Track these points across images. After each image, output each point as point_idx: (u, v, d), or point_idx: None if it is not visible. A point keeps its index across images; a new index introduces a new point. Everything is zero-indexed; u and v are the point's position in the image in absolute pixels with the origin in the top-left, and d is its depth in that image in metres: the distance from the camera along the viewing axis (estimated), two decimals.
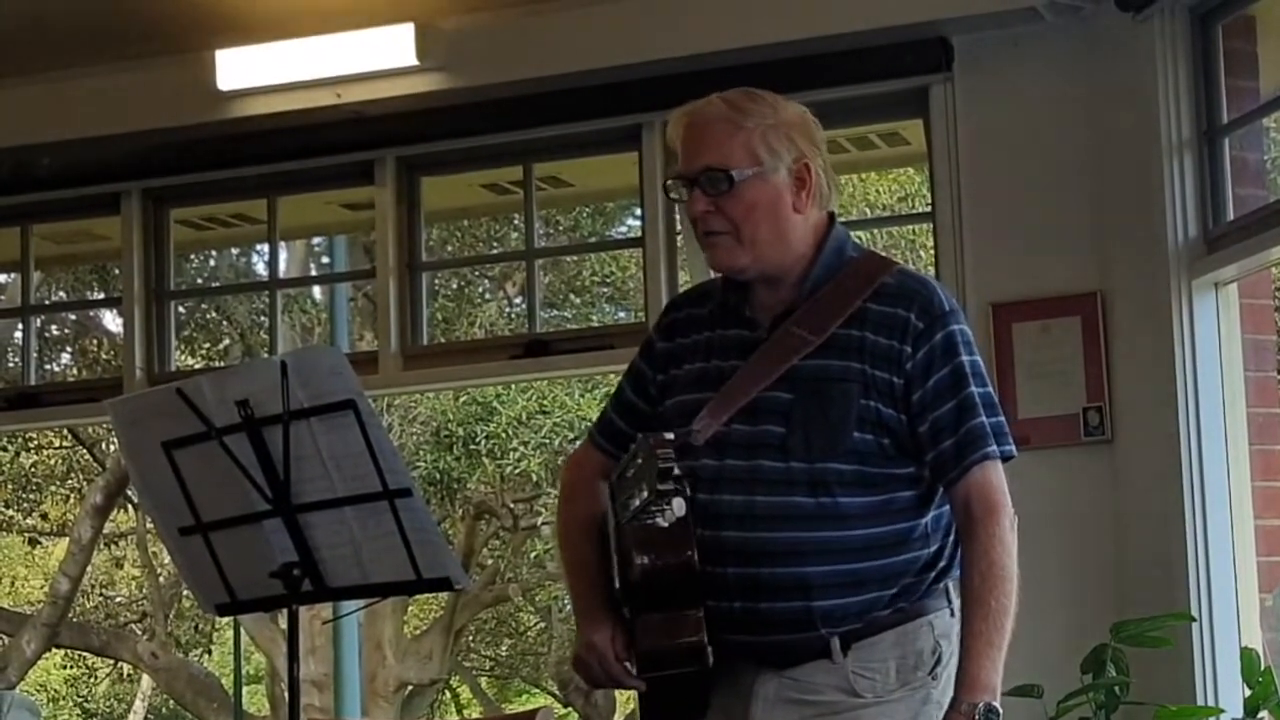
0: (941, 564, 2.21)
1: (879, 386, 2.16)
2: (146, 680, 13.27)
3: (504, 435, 9.75)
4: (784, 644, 2.18)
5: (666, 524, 2.04)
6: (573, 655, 2.29)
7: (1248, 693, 3.63)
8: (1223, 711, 3.69)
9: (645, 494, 2.02)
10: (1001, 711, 2.12)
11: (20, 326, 6.72)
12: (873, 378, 2.16)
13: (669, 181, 2.28)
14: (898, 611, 2.18)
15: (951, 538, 2.22)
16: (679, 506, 2.01)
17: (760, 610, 2.16)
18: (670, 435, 2.04)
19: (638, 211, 4.97)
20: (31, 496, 12.31)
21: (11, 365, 9.75)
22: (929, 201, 4.43)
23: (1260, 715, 3.63)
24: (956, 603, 2.21)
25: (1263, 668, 3.65)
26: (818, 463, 2.15)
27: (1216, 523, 3.80)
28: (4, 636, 11.67)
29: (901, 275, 2.22)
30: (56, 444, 11.86)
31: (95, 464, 11.56)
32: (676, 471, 2.01)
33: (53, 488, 12.30)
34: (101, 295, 9.76)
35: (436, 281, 9.46)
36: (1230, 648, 3.75)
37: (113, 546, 12.90)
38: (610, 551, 2.31)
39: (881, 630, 2.18)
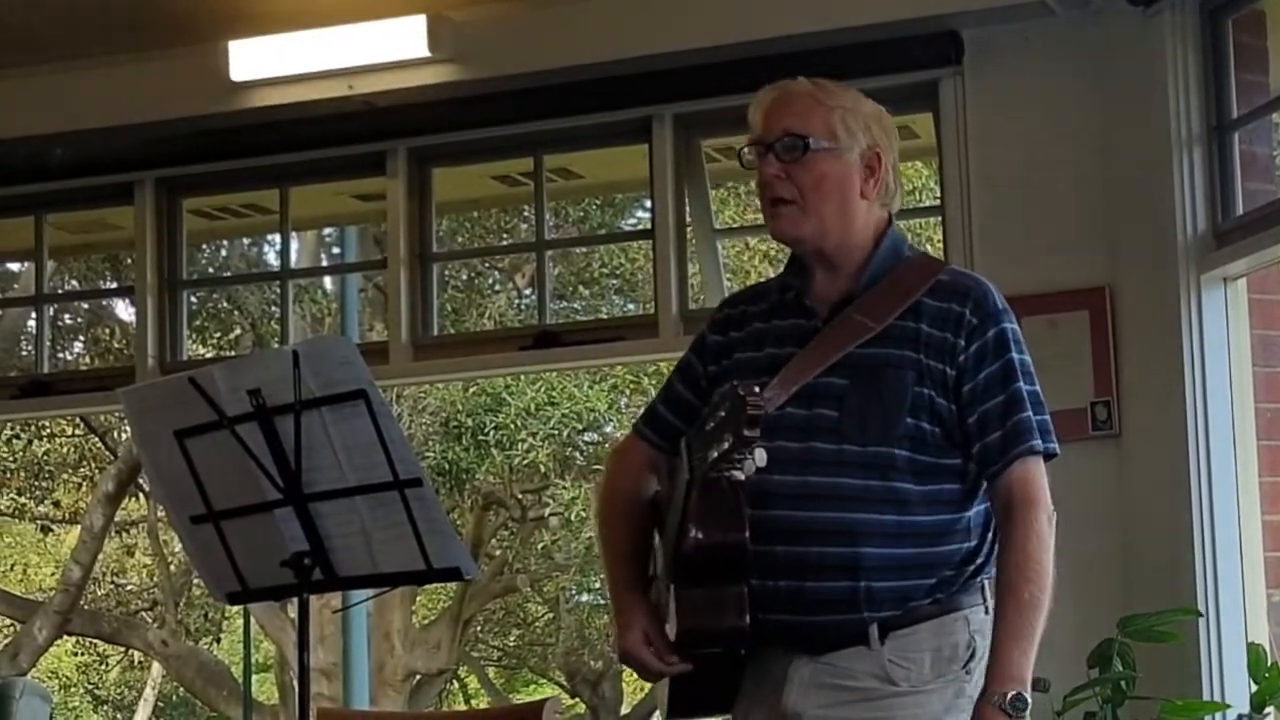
0: (979, 560, 2.25)
1: (933, 376, 2.21)
2: (157, 668, 13.33)
3: (513, 426, 9.76)
4: (825, 625, 2.20)
5: (745, 476, 2.05)
6: (618, 651, 2.33)
7: (1254, 688, 3.64)
8: (1229, 706, 3.70)
9: (729, 442, 2.01)
10: (1030, 702, 2.15)
11: (34, 315, 6.75)
12: (927, 367, 2.21)
13: (744, 148, 2.32)
14: (935, 603, 2.21)
15: (990, 535, 2.26)
16: (760, 458, 2.03)
17: (806, 589, 2.18)
18: (758, 387, 2.05)
19: (646, 204, 4.98)
20: (44, 484, 12.35)
21: (25, 354, 9.80)
22: (936, 195, 4.44)
23: (1267, 711, 3.63)
24: (991, 601, 2.24)
25: (1269, 663, 3.65)
26: (871, 446, 2.19)
27: (1224, 518, 3.81)
28: (16, 623, 11.73)
29: (955, 273, 2.31)
30: (69, 432, 11.90)
31: (107, 452, 11.60)
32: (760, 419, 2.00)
33: (65, 476, 12.34)
34: (114, 284, 9.79)
35: (446, 272, 9.48)
36: (1237, 643, 3.75)
37: (124, 535, 12.95)
38: (657, 526, 2.32)
39: (919, 621, 2.21)
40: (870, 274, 2.26)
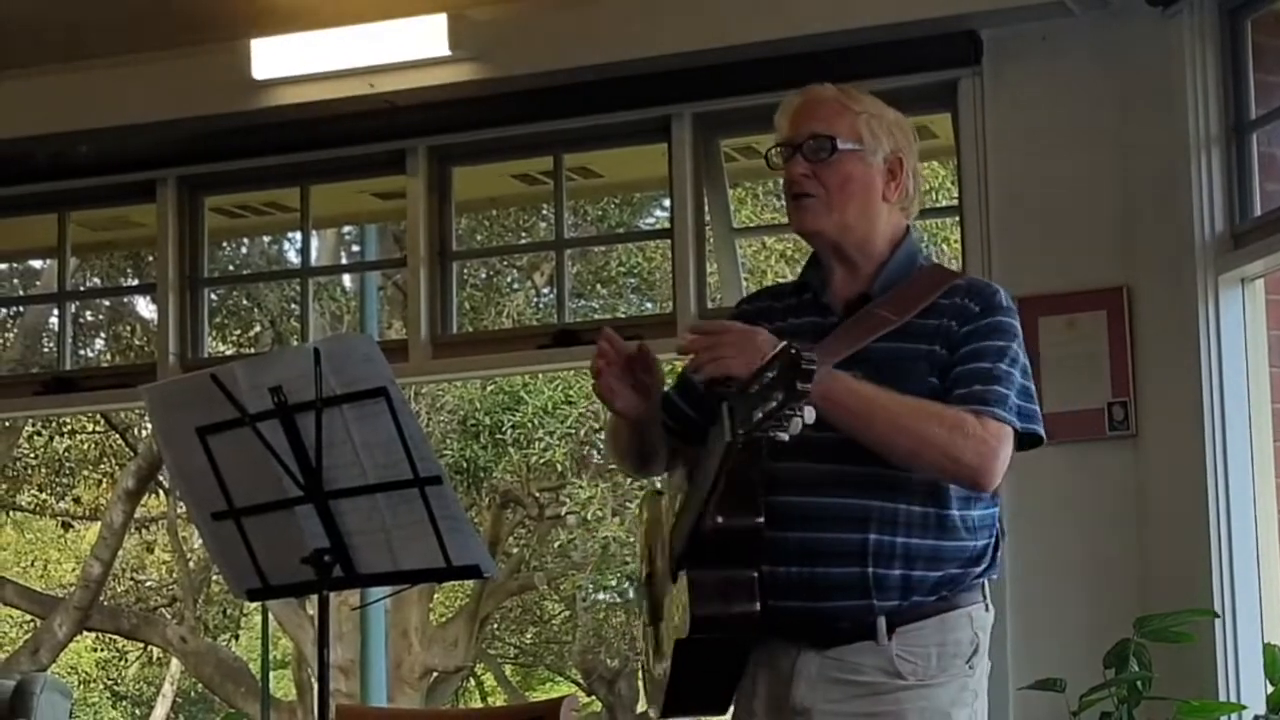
0: (985, 564, 2.29)
1: (938, 363, 2.26)
2: (175, 664, 13.37)
3: (530, 425, 9.78)
4: (834, 612, 2.22)
5: (788, 436, 2.04)
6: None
7: (1270, 689, 3.64)
8: (1245, 708, 3.70)
9: (779, 398, 2.00)
10: (802, 366, 2.03)
11: (56, 312, 6.79)
12: (938, 357, 2.26)
13: (771, 150, 2.37)
14: (940, 600, 2.25)
15: (993, 539, 2.30)
16: (810, 415, 2.03)
17: (817, 575, 2.22)
18: (815, 358, 2.05)
19: (665, 203, 4.99)
20: (64, 480, 12.40)
21: (46, 350, 9.84)
22: (952, 195, 4.44)
23: None
24: (990, 600, 2.30)
25: None
26: None
27: (1240, 518, 3.81)
28: (36, 619, 11.79)
29: (970, 279, 2.39)
30: (89, 429, 11.95)
31: (128, 449, 11.65)
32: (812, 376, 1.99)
33: (85, 472, 12.39)
34: (135, 282, 9.83)
35: (465, 271, 9.49)
36: (1253, 644, 3.75)
37: (144, 531, 12.99)
38: (668, 510, 2.33)
39: (925, 617, 2.24)
40: (886, 276, 2.31)
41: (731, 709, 2.34)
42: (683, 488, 2.35)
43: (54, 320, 9.15)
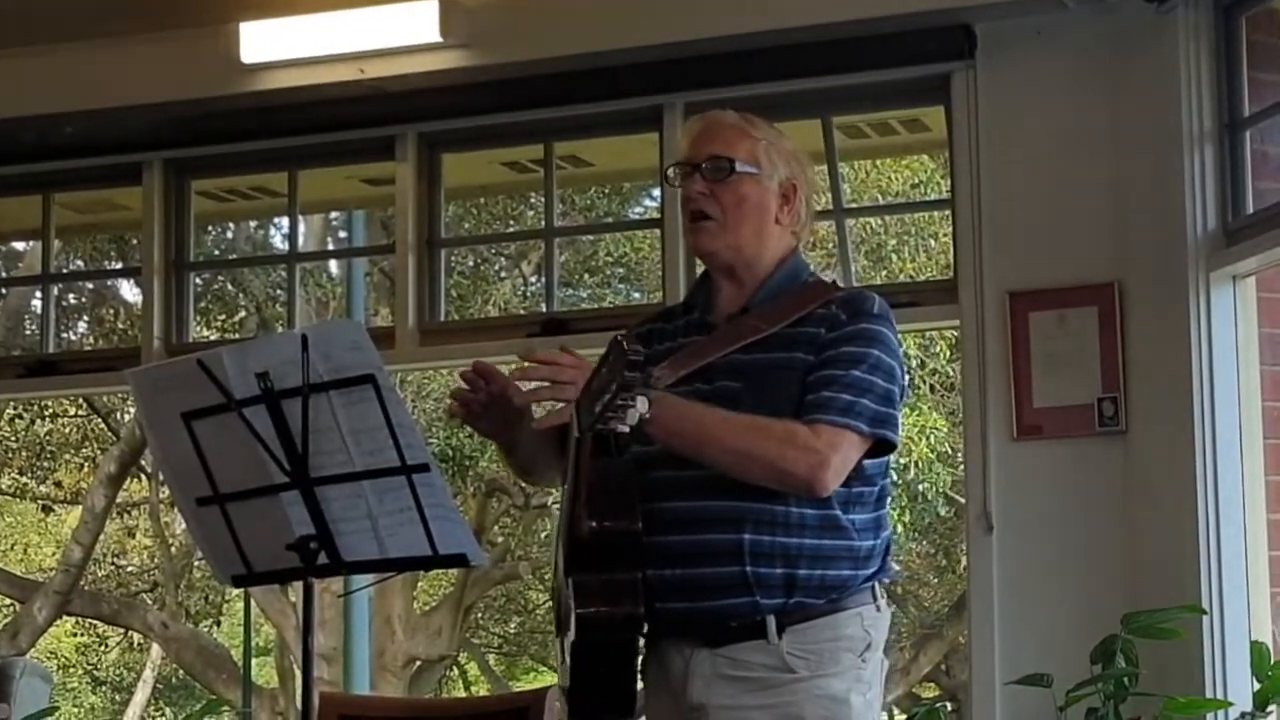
0: (873, 568, 2.35)
1: (808, 369, 2.32)
2: (156, 650, 13.33)
3: None
4: (720, 610, 2.29)
5: (629, 425, 2.11)
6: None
7: (1257, 686, 3.64)
8: (1231, 704, 3.70)
9: (612, 390, 2.07)
10: (629, 357, 2.08)
11: (39, 294, 6.75)
12: (806, 363, 2.32)
13: (671, 169, 2.47)
14: (830, 602, 2.32)
15: (882, 540, 2.36)
16: (643, 404, 2.10)
17: (699, 575, 2.28)
18: (640, 347, 2.12)
19: (653, 192, 4.97)
20: (46, 464, 12.36)
21: (29, 333, 9.79)
22: (944, 189, 4.43)
23: (1269, 709, 3.64)
24: (883, 600, 2.36)
25: (1273, 661, 3.66)
26: None
27: (1229, 516, 3.81)
28: (16, 603, 11.74)
29: (850, 291, 2.45)
30: (72, 412, 11.90)
31: (110, 433, 11.61)
32: (642, 362, 2.06)
33: (67, 456, 12.34)
34: (119, 265, 9.78)
35: (453, 258, 9.45)
36: (1240, 641, 3.75)
37: (125, 516, 12.95)
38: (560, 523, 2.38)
39: (814, 617, 2.31)
40: (767, 290, 2.40)
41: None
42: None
43: (37, 303, 9.10)
